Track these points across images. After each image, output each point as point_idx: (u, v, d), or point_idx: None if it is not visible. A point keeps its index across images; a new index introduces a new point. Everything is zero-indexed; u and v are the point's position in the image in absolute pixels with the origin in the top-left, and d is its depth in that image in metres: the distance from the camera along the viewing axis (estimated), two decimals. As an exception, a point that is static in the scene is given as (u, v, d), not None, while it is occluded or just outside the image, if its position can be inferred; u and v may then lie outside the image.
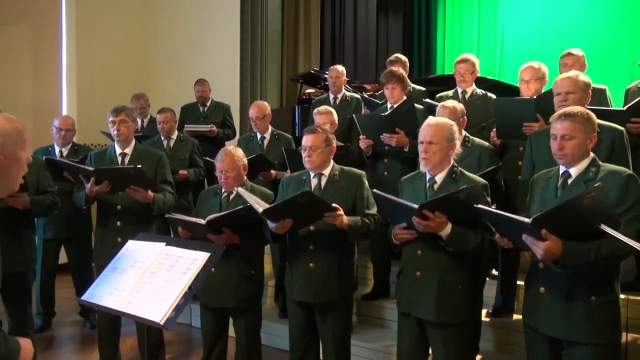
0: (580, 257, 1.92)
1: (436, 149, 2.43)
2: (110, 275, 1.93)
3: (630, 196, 2.00)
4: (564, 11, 7.80)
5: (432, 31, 8.59)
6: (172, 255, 1.86)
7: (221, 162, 2.87)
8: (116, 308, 1.76)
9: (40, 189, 3.25)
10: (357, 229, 2.62)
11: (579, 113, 2.14)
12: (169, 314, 1.63)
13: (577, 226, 1.90)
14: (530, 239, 1.93)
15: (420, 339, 2.49)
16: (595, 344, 2.03)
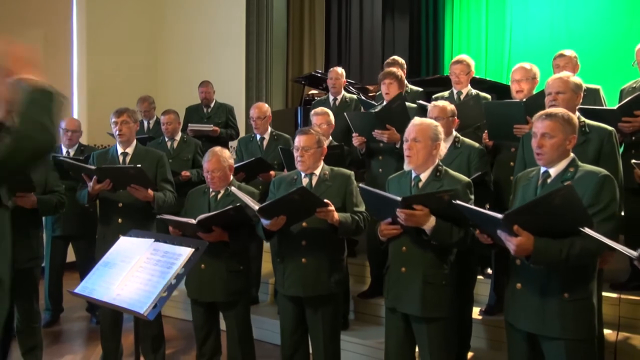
0: (552, 254, 1.97)
1: (420, 148, 2.49)
2: (102, 269, 2.03)
3: (604, 196, 2.05)
4: (573, 11, 7.76)
5: (440, 32, 8.60)
6: (159, 251, 1.96)
7: (208, 162, 2.98)
8: (105, 300, 1.86)
9: (48, 188, 3.38)
10: (347, 225, 2.70)
11: (560, 114, 2.19)
12: (152, 306, 1.72)
13: (550, 224, 1.95)
14: (504, 234, 1.99)
15: (406, 333, 2.55)
16: (568, 339, 2.08)
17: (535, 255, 1.97)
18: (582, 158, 2.64)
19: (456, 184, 2.48)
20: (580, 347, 2.09)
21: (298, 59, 7.02)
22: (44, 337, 4.03)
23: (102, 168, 3.19)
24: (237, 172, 3.85)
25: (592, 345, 2.13)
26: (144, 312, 1.71)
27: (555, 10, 7.93)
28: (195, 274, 3.05)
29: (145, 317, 1.71)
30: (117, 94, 6.01)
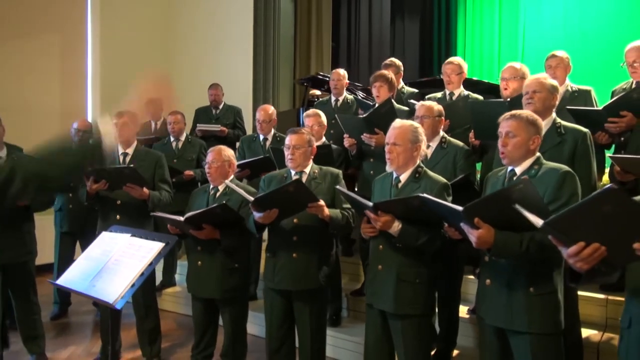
0: (512, 246, 2.02)
1: (400, 150, 2.56)
2: (83, 262, 2.16)
3: (565, 192, 2.09)
4: (586, 11, 7.67)
5: (452, 33, 8.58)
6: (135, 245, 2.07)
7: (209, 154, 3.12)
8: (81, 290, 1.98)
9: None
10: (337, 221, 2.78)
11: (525, 115, 2.24)
12: (120, 296, 1.83)
13: (511, 218, 1.96)
14: (466, 227, 2.04)
15: (384, 329, 2.61)
16: (533, 333, 2.12)
17: (496, 247, 2.02)
18: (557, 159, 2.68)
19: (434, 185, 2.53)
20: (545, 341, 2.13)
21: (305, 61, 7.12)
22: (52, 329, 4.28)
23: (98, 168, 3.34)
24: (244, 169, 3.99)
25: (557, 340, 2.17)
26: (112, 302, 1.83)
27: (569, 10, 7.84)
28: (193, 271, 3.17)
29: (113, 307, 1.82)
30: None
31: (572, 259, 1.64)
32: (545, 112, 2.76)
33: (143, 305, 3.53)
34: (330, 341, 3.78)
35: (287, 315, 2.96)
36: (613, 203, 1.50)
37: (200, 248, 3.06)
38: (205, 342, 3.29)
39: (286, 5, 6.97)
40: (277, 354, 2.98)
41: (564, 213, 1.61)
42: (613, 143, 3.33)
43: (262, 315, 4.07)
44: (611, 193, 1.48)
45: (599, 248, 1.59)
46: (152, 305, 3.58)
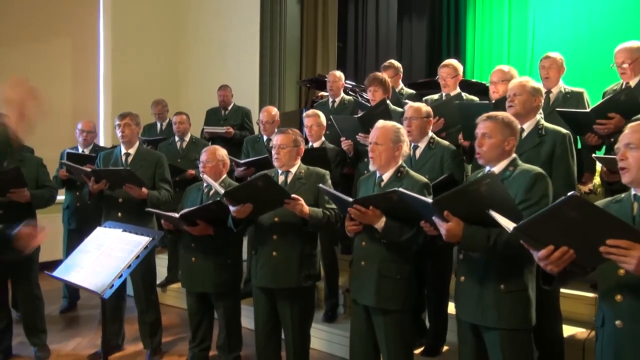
0: (479, 240, 2.09)
1: (382, 150, 2.64)
2: (78, 255, 2.30)
3: (536, 193, 2.15)
4: (596, 10, 7.62)
5: (461, 34, 8.58)
6: (125, 240, 2.20)
7: (203, 153, 3.24)
8: (74, 281, 2.12)
9: (40, 184, 3.71)
10: (317, 219, 2.84)
11: (501, 116, 2.31)
12: (108, 287, 1.96)
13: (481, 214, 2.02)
14: (437, 220, 2.12)
15: (367, 323, 2.69)
16: (503, 329, 2.19)
17: (464, 240, 2.10)
18: (536, 159, 2.75)
19: (415, 184, 2.61)
20: (515, 337, 2.20)
21: (312, 62, 7.22)
22: (60, 322, 4.46)
23: (97, 170, 3.50)
24: (248, 168, 4.10)
25: (527, 335, 2.24)
26: (100, 292, 1.95)
27: (578, 10, 7.80)
28: (187, 267, 3.30)
29: (101, 296, 1.95)
30: (141, 98, 6.36)
31: (542, 262, 1.70)
32: (527, 114, 2.82)
33: (144, 299, 3.67)
34: (326, 336, 3.90)
35: (272, 312, 3.03)
36: (577, 209, 1.56)
37: (194, 245, 3.18)
38: (201, 336, 3.42)
39: (292, 7, 7.09)
40: (265, 348, 3.08)
41: (532, 218, 1.68)
42: (603, 144, 3.37)
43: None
44: (574, 200, 1.54)
45: (567, 251, 1.65)
46: (152, 299, 3.72)
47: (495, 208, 1.95)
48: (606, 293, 1.82)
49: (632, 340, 1.73)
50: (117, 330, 3.81)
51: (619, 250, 1.54)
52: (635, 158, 1.75)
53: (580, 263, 1.70)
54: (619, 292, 1.74)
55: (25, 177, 3.45)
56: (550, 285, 1.88)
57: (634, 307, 1.71)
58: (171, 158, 4.67)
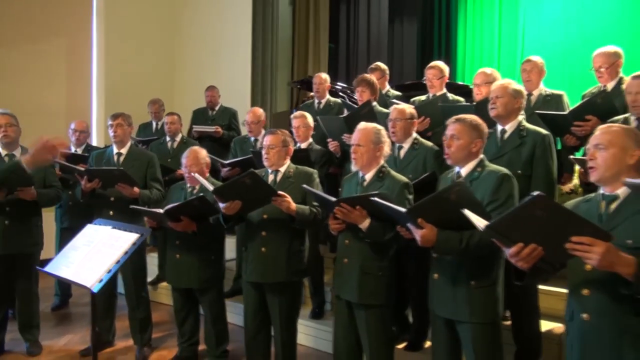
0: (452, 243, 2.20)
1: (363, 151, 2.73)
2: (69, 251, 2.38)
3: (502, 193, 2.26)
4: (586, 13, 7.73)
5: (452, 36, 8.68)
6: (114, 236, 2.28)
7: (186, 159, 3.31)
8: (64, 276, 2.19)
9: (47, 183, 3.78)
10: (304, 215, 2.93)
11: (469, 119, 2.41)
12: (97, 280, 2.04)
13: (452, 218, 2.12)
14: (412, 227, 2.22)
15: (350, 318, 2.79)
16: (474, 322, 2.30)
17: (438, 245, 2.20)
18: (517, 160, 2.86)
19: (396, 184, 2.70)
20: (485, 330, 2.31)
21: (303, 63, 7.31)
22: (52, 319, 4.52)
23: (90, 169, 3.58)
24: (233, 168, 4.19)
25: (496, 328, 2.35)
26: (90, 286, 2.03)
27: (568, 11, 7.91)
28: (172, 263, 3.40)
29: (91, 290, 2.03)
30: (135, 98, 6.42)
31: (513, 258, 1.79)
32: (508, 116, 2.92)
33: (135, 295, 3.75)
34: (313, 332, 3.99)
35: (261, 306, 3.13)
36: (543, 208, 1.65)
37: (178, 242, 3.28)
38: (189, 331, 3.53)
39: (284, 9, 7.18)
40: (253, 341, 3.18)
41: (502, 217, 1.77)
42: (581, 146, 3.46)
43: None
44: (539, 199, 1.63)
45: (536, 248, 1.74)
46: (143, 296, 3.80)
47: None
48: (574, 288, 1.91)
49: (598, 332, 1.81)
50: (108, 326, 3.89)
51: (583, 246, 1.62)
52: (603, 158, 1.83)
53: (549, 259, 1.79)
54: (586, 287, 1.83)
55: (32, 177, 3.53)
56: (522, 281, 1.98)
57: (600, 301, 1.79)
58: (162, 158, 4.73)
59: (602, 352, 1.80)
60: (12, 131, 3.66)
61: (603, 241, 1.61)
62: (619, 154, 1.82)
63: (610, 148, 1.83)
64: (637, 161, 1.82)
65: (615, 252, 1.62)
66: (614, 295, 1.72)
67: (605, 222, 1.81)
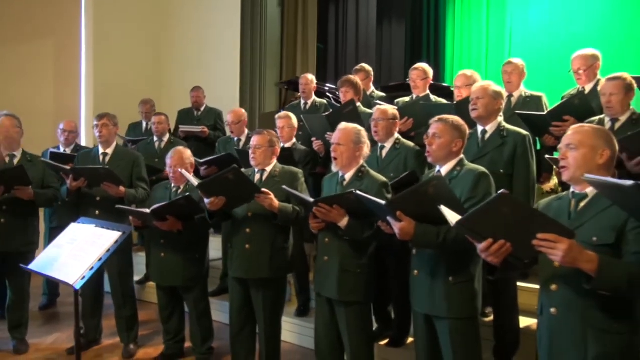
0: (430, 237, 2.26)
1: (343, 150, 2.79)
2: (53, 249, 2.42)
3: (480, 191, 2.32)
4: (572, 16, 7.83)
5: (441, 37, 8.76)
6: (97, 234, 2.33)
7: (171, 159, 3.36)
8: (47, 274, 2.24)
9: (45, 184, 3.83)
10: (286, 213, 2.99)
11: (451, 119, 2.48)
12: (80, 278, 2.08)
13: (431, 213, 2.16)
14: (391, 219, 2.28)
15: (331, 315, 2.85)
16: (452, 318, 2.36)
17: (416, 238, 2.26)
18: (499, 159, 2.94)
19: (374, 183, 2.76)
20: (462, 325, 2.37)
21: (292, 64, 7.36)
22: (39, 318, 4.54)
23: (76, 168, 3.61)
24: (210, 166, 4.23)
25: (474, 324, 2.42)
26: (72, 283, 2.08)
27: (554, 14, 8.01)
28: (156, 262, 3.44)
29: (73, 287, 2.07)
30: (123, 98, 6.45)
31: (483, 254, 1.85)
32: (489, 116, 2.99)
33: (121, 294, 3.78)
34: (298, 330, 4.04)
35: (246, 302, 3.19)
36: (507, 206, 1.71)
37: (163, 241, 3.33)
38: (174, 329, 3.58)
39: (273, 10, 7.23)
40: (238, 337, 3.24)
41: (470, 214, 1.83)
42: (560, 146, 3.54)
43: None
44: (503, 198, 1.70)
45: (504, 244, 1.79)
46: (129, 295, 3.83)
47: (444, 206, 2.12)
48: (544, 283, 1.97)
49: (565, 326, 1.87)
50: (96, 324, 3.92)
51: (547, 243, 1.68)
52: (574, 157, 1.89)
53: (518, 255, 1.85)
54: (554, 282, 1.89)
55: (31, 177, 3.59)
56: (493, 276, 2.04)
57: (567, 296, 1.85)
58: (149, 158, 4.77)
59: (568, 345, 1.86)
60: (15, 132, 3.77)
61: (567, 238, 1.67)
62: (589, 154, 1.88)
63: (581, 148, 1.88)
64: (607, 160, 1.88)
65: (579, 249, 1.68)
66: (580, 290, 1.77)
67: (573, 220, 1.88)
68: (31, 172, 3.65)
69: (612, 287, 1.70)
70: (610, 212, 1.79)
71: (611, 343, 1.78)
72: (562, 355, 1.88)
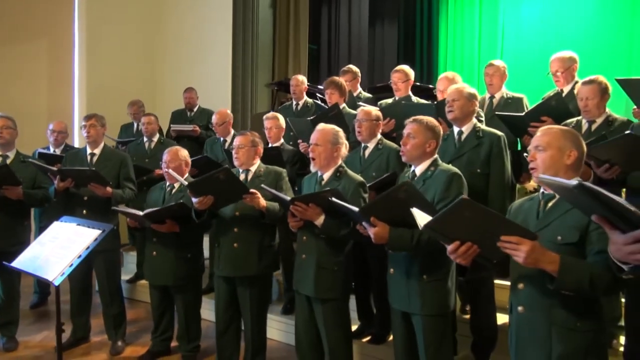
0: (404, 240, 2.33)
1: (321, 150, 2.85)
2: (35, 247, 2.48)
3: (452, 191, 2.39)
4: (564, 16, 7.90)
5: (434, 37, 8.83)
6: (78, 232, 2.39)
7: (166, 154, 3.44)
8: (30, 271, 2.30)
9: (37, 184, 3.88)
10: (273, 212, 3.07)
11: (425, 120, 2.54)
12: (59, 274, 2.15)
13: (404, 216, 2.24)
14: (366, 224, 2.35)
15: (310, 312, 2.91)
16: (426, 314, 2.43)
17: (391, 242, 2.34)
18: (476, 159, 3.00)
19: (352, 183, 2.81)
20: (435, 321, 2.45)
21: (284, 65, 7.42)
22: (30, 316, 4.60)
23: (62, 169, 3.67)
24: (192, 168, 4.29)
25: (446, 320, 2.49)
26: (52, 280, 2.14)
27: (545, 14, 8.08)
28: (148, 261, 3.50)
29: (52, 283, 2.14)
30: (117, 99, 6.50)
31: (451, 255, 1.90)
32: (464, 118, 3.06)
33: (108, 293, 3.84)
34: (284, 327, 4.10)
35: (232, 300, 3.26)
36: (469, 210, 1.76)
37: (156, 239, 3.39)
38: (163, 327, 3.64)
39: (265, 12, 7.29)
40: (224, 334, 3.30)
41: (436, 217, 1.88)
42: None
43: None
44: (464, 203, 1.75)
45: (471, 246, 1.85)
46: (116, 293, 3.89)
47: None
48: (512, 281, 2.03)
49: (531, 324, 1.92)
50: (84, 322, 3.97)
51: (511, 245, 1.73)
52: (542, 159, 1.94)
53: (486, 255, 1.91)
54: (521, 281, 1.94)
55: (23, 177, 3.65)
56: (464, 277, 2.10)
57: (533, 295, 1.90)
58: (139, 158, 4.85)
59: (534, 343, 1.90)
60: (8, 133, 3.83)
61: (529, 240, 1.72)
62: (557, 155, 1.92)
63: (548, 149, 1.93)
64: (574, 161, 1.92)
65: (541, 250, 1.72)
66: (545, 290, 1.82)
67: (541, 219, 1.93)
68: (23, 172, 3.71)
69: (574, 287, 1.74)
70: (575, 212, 1.83)
71: (575, 341, 1.82)
72: (528, 352, 1.93)
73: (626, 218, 1.33)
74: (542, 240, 1.77)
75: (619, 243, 1.37)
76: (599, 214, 1.41)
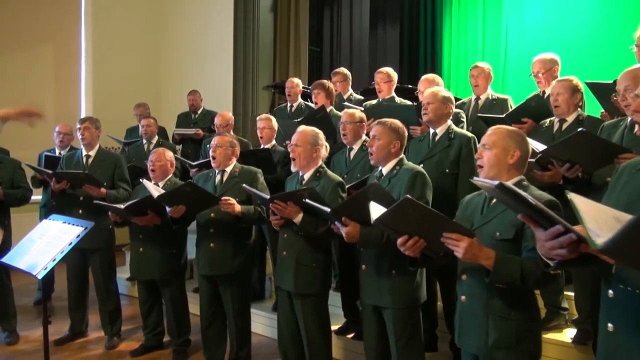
0: (374, 238, 2.44)
1: (301, 151, 2.95)
2: (24, 243, 2.63)
3: (416, 190, 2.48)
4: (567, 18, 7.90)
5: (438, 39, 8.87)
6: (63, 230, 2.53)
7: (152, 154, 3.58)
8: (17, 266, 2.44)
9: (15, 184, 4.02)
10: (249, 215, 3.18)
11: (389, 122, 2.64)
12: (42, 268, 2.29)
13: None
14: (338, 224, 2.45)
15: (290, 307, 3.01)
16: (395, 308, 2.53)
17: (362, 240, 2.45)
18: (446, 159, 3.08)
19: (330, 182, 2.91)
20: (404, 314, 2.55)
21: (284, 68, 7.54)
22: (33, 312, 4.78)
23: (58, 172, 3.83)
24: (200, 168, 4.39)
25: (415, 313, 2.59)
26: (35, 274, 2.28)
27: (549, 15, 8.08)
28: (135, 257, 3.64)
29: (36, 277, 2.27)
30: (122, 102, 6.69)
31: (401, 248, 2.03)
32: (439, 120, 3.14)
33: (104, 289, 3.98)
34: (272, 323, 4.18)
35: (214, 297, 3.38)
36: (412, 209, 1.88)
37: (141, 236, 3.52)
38: (153, 322, 3.77)
39: (265, 14, 7.42)
40: (208, 329, 3.42)
41: (384, 213, 1.98)
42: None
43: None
44: (407, 202, 1.86)
45: (418, 240, 1.98)
46: (111, 289, 4.04)
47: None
48: (459, 274, 2.14)
49: (471, 312, 2.04)
50: (81, 317, 4.13)
51: (451, 241, 1.85)
52: (487, 157, 2.03)
53: (432, 249, 2.03)
54: (465, 273, 2.07)
55: (1, 177, 3.77)
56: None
57: (473, 286, 2.03)
58: (139, 159, 4.99)
59: (474, 329, 2.03)
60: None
61: (468, 237, 1.84)
62: (501, 154, 2.01)
63: (494, 148, 2.03)
64: (516, 161, 2.02)
65: (478, 247, 1.84)
66: (484, 282, 1.92)
67: (484, 215, 2.04)
68: (1, 172, 3.85)
69: (507, 281, 1.87)
70: None
71: (509, 328, 1.94)
72: (469, 338, 2.05)
73: (545, 217, 1.41)
74: (483, 235, 1.88)
75: (542, 240, 1.45)
76: (524, 213, 1.49)
